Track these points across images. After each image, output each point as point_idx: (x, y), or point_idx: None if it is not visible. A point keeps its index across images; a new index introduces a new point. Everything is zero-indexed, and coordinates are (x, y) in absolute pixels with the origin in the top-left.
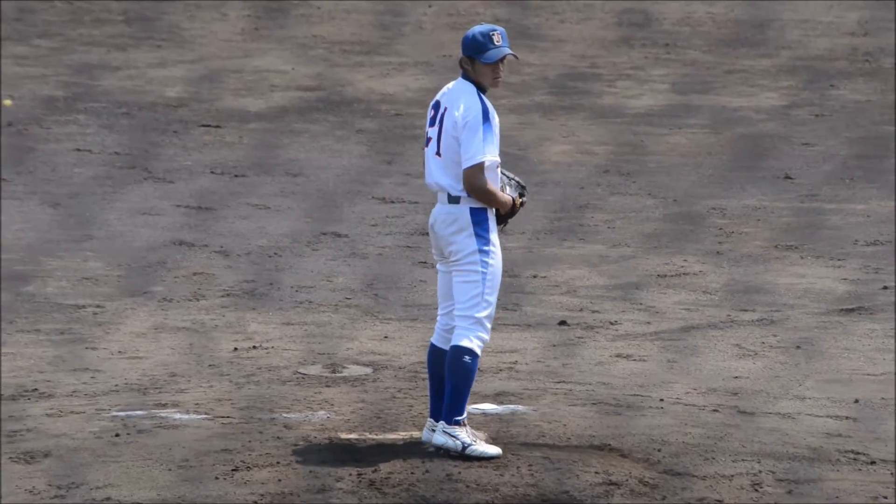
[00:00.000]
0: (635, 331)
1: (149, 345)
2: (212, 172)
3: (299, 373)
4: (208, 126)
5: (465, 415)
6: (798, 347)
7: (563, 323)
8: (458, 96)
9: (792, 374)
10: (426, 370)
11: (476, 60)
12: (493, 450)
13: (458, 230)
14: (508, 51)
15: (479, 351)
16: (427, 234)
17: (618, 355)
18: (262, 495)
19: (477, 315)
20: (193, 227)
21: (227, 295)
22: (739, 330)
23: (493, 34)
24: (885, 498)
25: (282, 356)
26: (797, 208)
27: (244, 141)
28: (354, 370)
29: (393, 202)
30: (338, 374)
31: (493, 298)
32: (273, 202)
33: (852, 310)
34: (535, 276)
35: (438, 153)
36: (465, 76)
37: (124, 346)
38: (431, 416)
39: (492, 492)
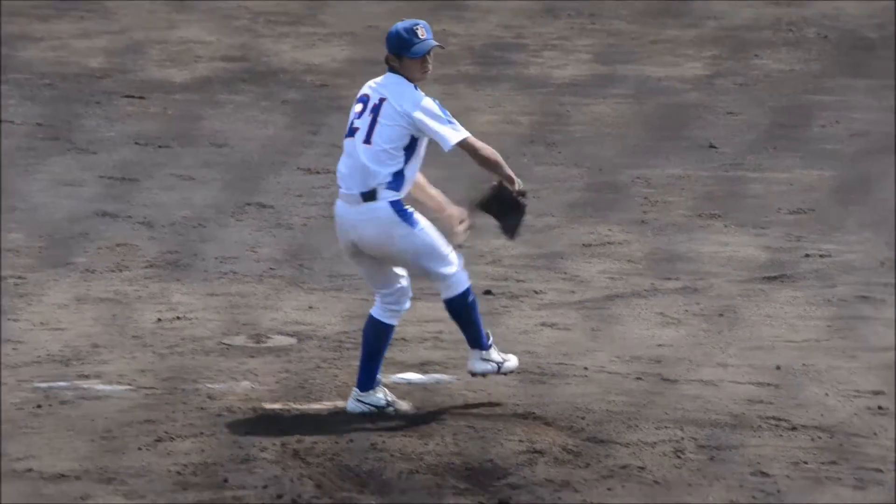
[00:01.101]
0: (560, 300)
1: (71, 316)
2: (135, 143)
3: (223, 343)
4: (132, 97)
5: (489, 338)
6: (721, 315)
7: (487, 292)
8: (398, 90)
9: (714, 342)
10: (360, 338)
11: (403, 56)
12: (511, 362)
13: (384, 231)
14: (434, 42)
15: (466, 284)
16: None
17: (542, 324)
18: (185, 466)
19: (446, 271)
20: (116, 198)
21: (151, 266)
22: (663, 298)
23: (417, 28)
24: (806, 463)
25: (206, 327)
26: (720, 177)
27: (168, 112)
28: (279, 340)
29: (318, 173)
30: (262, 345)
31: (445, 244)
32: (197, 173)
33: (774, 277)
34: (459, 246)
35: (368, 141)
36: (393, 72)
37: (46, 318)
38: (357, 386)
39: (416, 461)
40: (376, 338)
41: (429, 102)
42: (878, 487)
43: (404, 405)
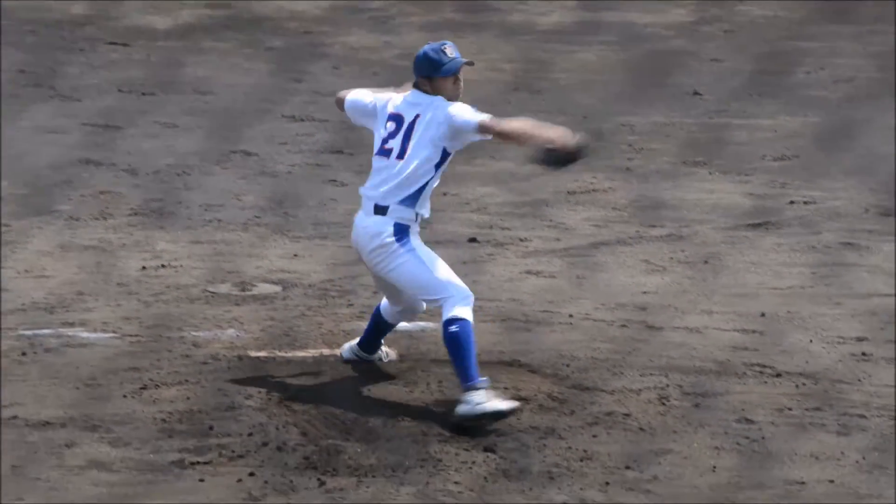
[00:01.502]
0: (545, 247)
1: (55, 263)
2: (119, 91)
3: (208, 291)
4: (115, 44)
5: (478, 380)
6: (705, 262)
7: (472, 240)
8: (431, 102)
9: (699, 289)
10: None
11: (434, 78)
12: (505, 404)
13: (380, 245)
14: (463, 59)
15: (462, 314)
16: (339, 153)
17: (527, 272)
18: (170, 413)
19: (444, 295)
20: (100, 146)
21: (135, 214)
22: (648, 245)
23: (444, 48)
24: (790, 409)
25: (190, 275)
26: (705, 124)
27: (152, 59)
28: (264, 288)
29: (302, 120)
30: (247, 293)
31: (443, 273)
32: (181, 120)
33: (759, 224)
34: (444, 194)
35: (402, 157)
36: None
37: (31, 265)
38: (359, 343)
39: (401, 408)
40: (377, 325)
41: (459, 105)
42: (861, 433)
43: (393, 355)
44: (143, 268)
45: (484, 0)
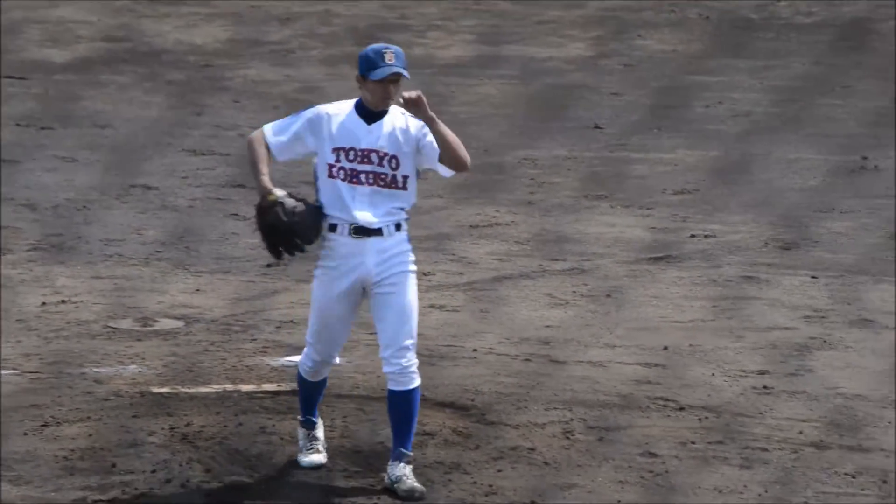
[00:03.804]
0: (448, 281)
1: None
2: (17, 125)
3: (109, 327)
4: (12, 77)
5: (306, 425)
6: (608, 296)
7: None
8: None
9: (602, 323)
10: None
11: (366, 78)
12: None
13: None
14: (397, 69)
15: (301, 370)
16: (241, 187)
17: (431, 306)
18: (72, 450)
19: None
20: None
21: (35, 249)
22: (551, 279)
23: (386, 53)
24: (694, 443)
25: (91, 310)
26: (606, 158)
27: (50, 93)
28: (166, 324)
29: (203, 154)
30: (149, 328)
31: (313, 323)
32: (80, 154)
33: (660, 258)
34: None
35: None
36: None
37: None
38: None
39: None
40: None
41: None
42: (763, 466)
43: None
44: (43, 303)
45: (384, 34)
